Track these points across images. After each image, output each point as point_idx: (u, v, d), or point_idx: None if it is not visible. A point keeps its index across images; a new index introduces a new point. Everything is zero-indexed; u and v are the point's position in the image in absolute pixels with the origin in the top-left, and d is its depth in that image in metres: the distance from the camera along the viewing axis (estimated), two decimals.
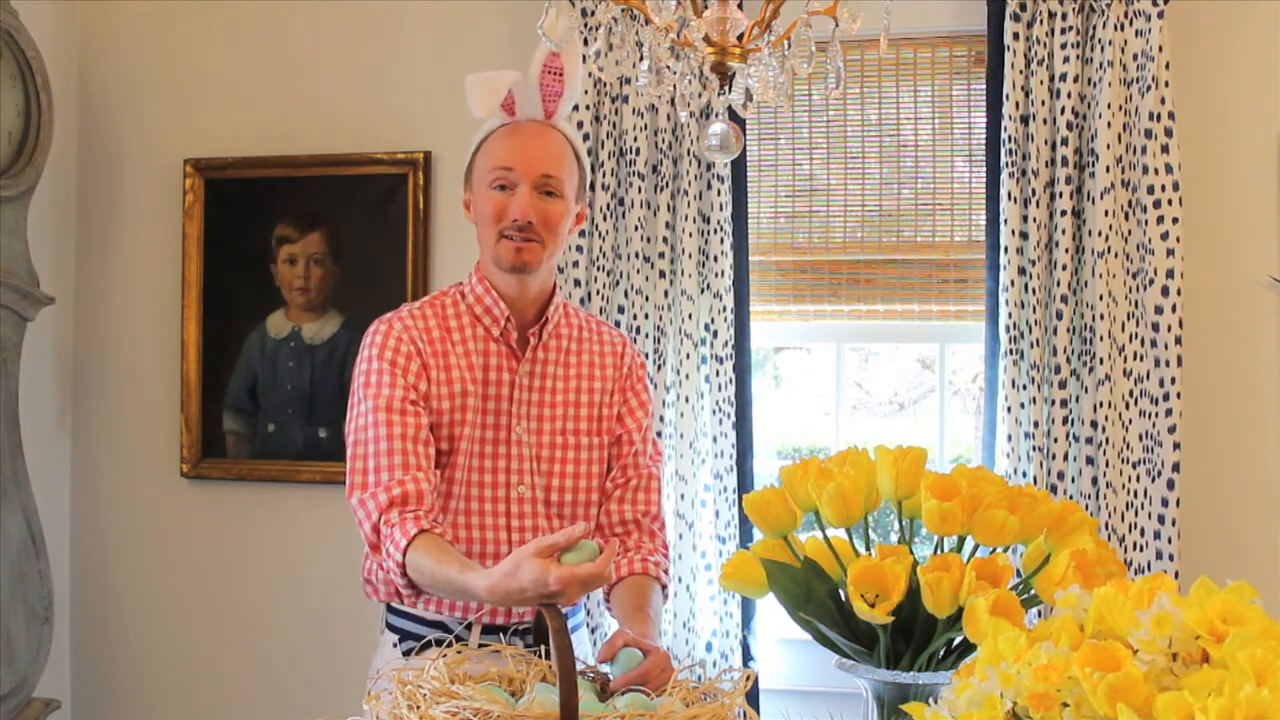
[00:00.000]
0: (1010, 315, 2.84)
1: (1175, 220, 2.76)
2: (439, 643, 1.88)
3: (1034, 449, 2.82)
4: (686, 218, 2.97)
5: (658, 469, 2.07)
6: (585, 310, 2.17)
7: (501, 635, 1.90)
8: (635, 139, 2.97)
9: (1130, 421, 2.81)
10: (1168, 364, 2.76)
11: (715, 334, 2.96)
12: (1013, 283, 2.84)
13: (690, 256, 2.98)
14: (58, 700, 3.16)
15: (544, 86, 1.94)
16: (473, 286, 1.99)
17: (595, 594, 2.81)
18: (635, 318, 2.98)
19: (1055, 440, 2.82)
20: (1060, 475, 2.82)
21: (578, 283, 2.98)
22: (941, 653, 1.41)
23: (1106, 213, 2.79)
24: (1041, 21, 2.84)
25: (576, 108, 2.96)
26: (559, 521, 1.96)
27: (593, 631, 2.93)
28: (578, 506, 1.98)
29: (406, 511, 1.80)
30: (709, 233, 2.97)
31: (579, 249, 2.99)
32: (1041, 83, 2.84)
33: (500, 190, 1.92)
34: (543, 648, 1.65)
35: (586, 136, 2.98)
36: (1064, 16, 2.82)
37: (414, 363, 1.91)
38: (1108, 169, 2.79)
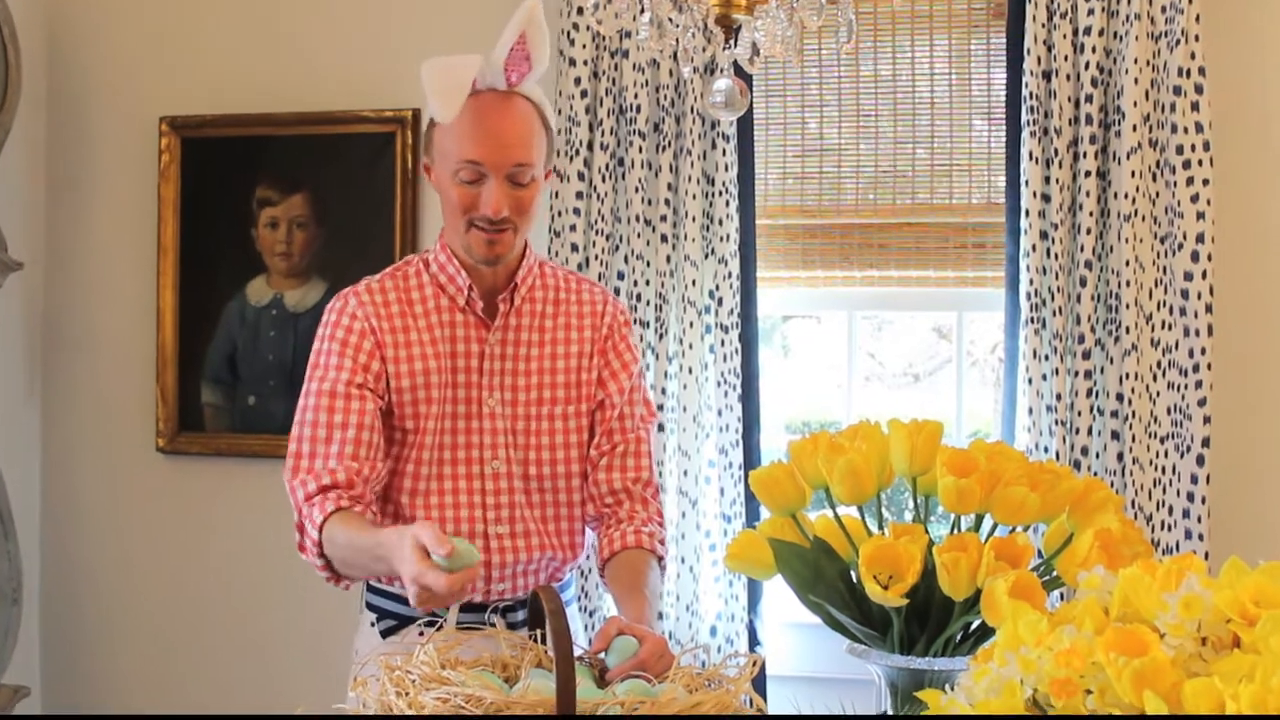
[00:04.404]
0: (1031, 282, 2.79)
1: (1206, 182, 2.70)
2: (421, 620, 1.88)
3: (1056, 423, 2.76)
4: (690, 179, 2.90)
5: (647, 431, 2.02)
6: (566, 269, 2.11)
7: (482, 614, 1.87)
8: (636, 96, 2.89)
9: (1158, 394, 2.75)
10: (1197, 333, 2.70)
11: (720, 302, 2.90)
12: (1034, 247, 2.79)
13: (694, 220, 2.90)
14: (26, 687, 3.09)
15: (509, 66, 1.85)
16: (436, 255, 1.97)
17: (593, 576, 2.76)
18: (636, 284, 2.92)
19: (1079, 414, 2.77)
20: (1084, 451, 2.77)
21: (575, 247, 2.91)
22: (958, 637, 1.42)
23: (1133, 174, 2.72)
24: None
25: (574, 63, 2.90)
26: (538, 496, 1.94)
27: (590, 615, 2.88)
28: (558, 479, 1.95)
29: (329, 497, 1.80)
30: (713, 195, 2.91)
31: (576, 211, 2.91)
32: (1065, 36, 2.77)
33: (468, 184, 1.85)
34: (539, 631, 1.60)
35: (585, 93, 2.90)
36: None
37: (367, 341, 1.89)
38: (1134, 128, 2.72)
